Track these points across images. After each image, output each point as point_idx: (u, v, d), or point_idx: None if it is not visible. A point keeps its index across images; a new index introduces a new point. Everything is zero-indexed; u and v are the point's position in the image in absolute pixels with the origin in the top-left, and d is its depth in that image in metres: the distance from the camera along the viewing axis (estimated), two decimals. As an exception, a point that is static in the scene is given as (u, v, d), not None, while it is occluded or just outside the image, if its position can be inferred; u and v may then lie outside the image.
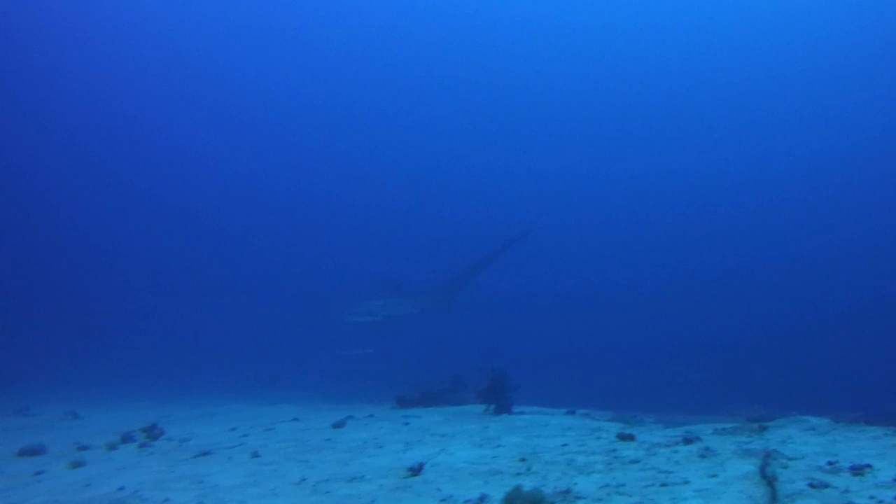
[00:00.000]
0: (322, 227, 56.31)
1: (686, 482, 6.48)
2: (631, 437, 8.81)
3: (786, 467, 6.75)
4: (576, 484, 6.59)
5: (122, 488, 7.28)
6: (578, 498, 6.14)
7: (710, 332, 31.70)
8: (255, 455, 8.69)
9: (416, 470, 7.32)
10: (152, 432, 10.36)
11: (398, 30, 58.58)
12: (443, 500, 6.30)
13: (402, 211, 57.87)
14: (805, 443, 7.94)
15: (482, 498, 6.27)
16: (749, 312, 35.83)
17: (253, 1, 55.43)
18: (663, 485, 6.43)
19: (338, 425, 10.78)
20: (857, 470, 6.49)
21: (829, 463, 6.86)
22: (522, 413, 12.05)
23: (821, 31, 56.95)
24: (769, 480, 6.24)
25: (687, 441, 8.37)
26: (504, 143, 62.55)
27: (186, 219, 56.50)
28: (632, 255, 48.84)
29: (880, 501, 5.57)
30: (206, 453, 8.99)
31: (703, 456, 7.53)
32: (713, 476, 6.64)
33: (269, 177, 61.54)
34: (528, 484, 6.51)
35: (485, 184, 59.72)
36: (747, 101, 59.12)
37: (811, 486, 6.09)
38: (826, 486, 6.07)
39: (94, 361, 28.15)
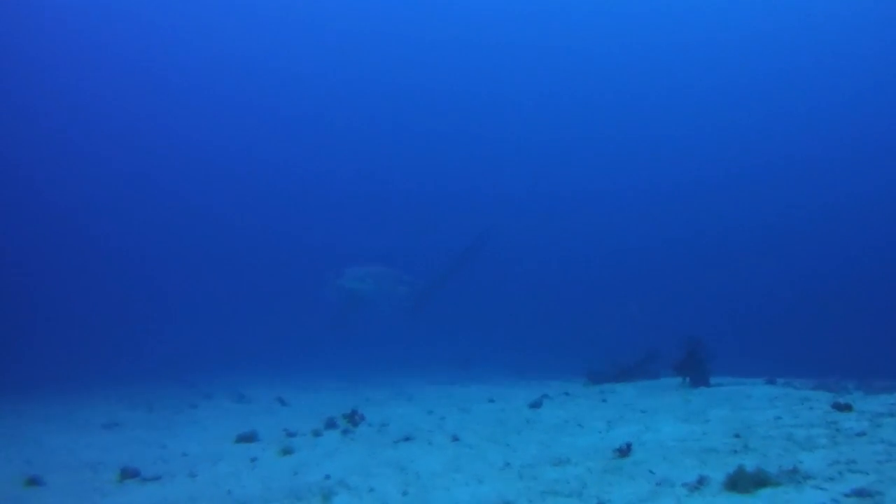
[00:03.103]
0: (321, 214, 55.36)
1: (925, 456, 5.65)
2: (848, 407, 7.93)
3: None
4: (801, 462, 5.85)
5: (328, 476, 7.06)
6: (808, 477, 5.41)
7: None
8: (455, 439, 8.33)
9: (623, 450, 6.74)
10: (353, 418, 10.19)
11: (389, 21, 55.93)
12: (658, 484, 5.69)
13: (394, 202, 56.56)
14: None
15: (701, 480, 5.62)
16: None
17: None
18: (901, 460, 5.62)
19: (534, 405, 10.31)
20: None
21: None
22: (720, 385, 11.22)
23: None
24: None
25: (914, 409, 7.45)
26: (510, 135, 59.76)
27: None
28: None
29: None
30: (406, 438, 8.71)
31: (936, 426, 6.64)
32: (953, 448, 5.78)
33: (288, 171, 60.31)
34: (748, 462, 5.82)
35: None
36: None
37: None
38: None
39: (299, 346, 28.87)
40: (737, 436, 6.96)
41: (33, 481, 8.05)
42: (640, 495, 5.44)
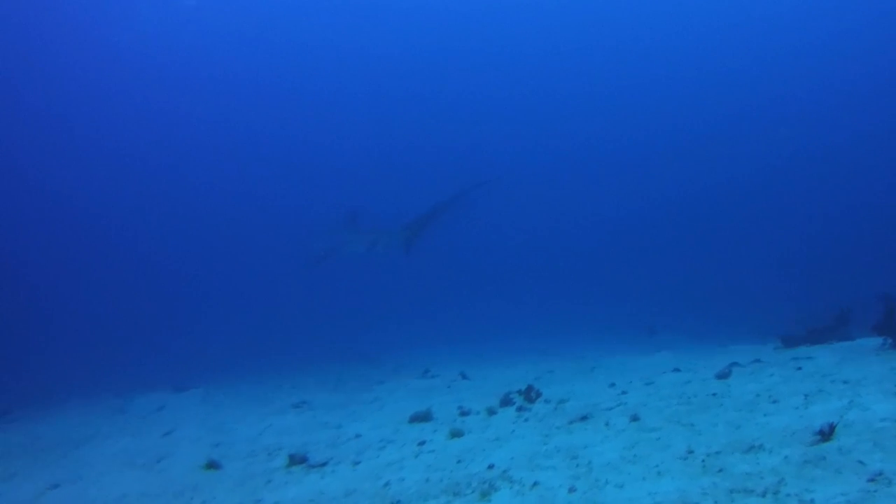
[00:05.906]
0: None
1: None
2: None
3: None
4: None
5: (491, 466, 6.36)
6: None
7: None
8: (635, 418, 7.37)
9: (825, 433, 5.60)
10: (530, 394, 9.43)
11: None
12: (871, 480, 4.57)
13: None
14: None
15: (925, 474, 4.49)
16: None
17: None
18: None
19: (722, 375, 9.16)
20: None
21: None
22: (928, 347, 9.61)
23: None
24: None
25: None
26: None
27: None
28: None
29: None
30: (583, 418, 7.84)
31: None
32: None
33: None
34: (985, 453, 4.64)
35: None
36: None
37: None
38: None
39: (486, 317, 28.40)
40: (965, 415, 5.68)
41: (212, 465, 8.08)
42: (849, 496, 4.36)
